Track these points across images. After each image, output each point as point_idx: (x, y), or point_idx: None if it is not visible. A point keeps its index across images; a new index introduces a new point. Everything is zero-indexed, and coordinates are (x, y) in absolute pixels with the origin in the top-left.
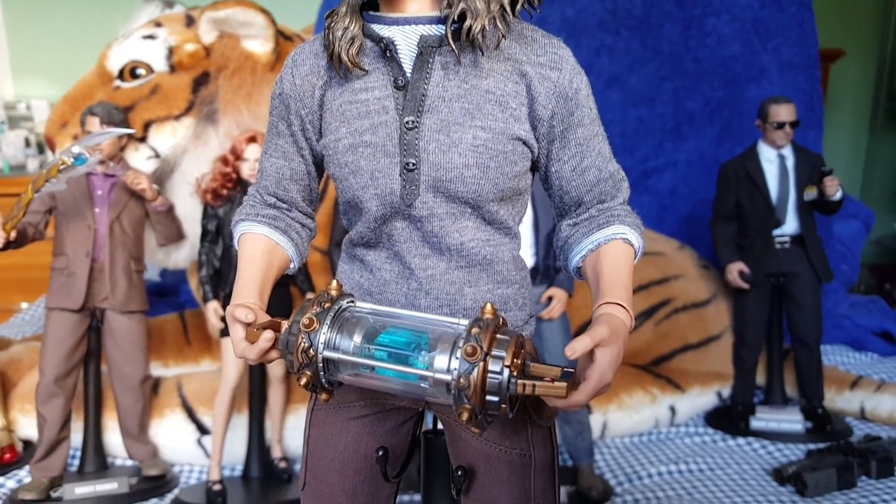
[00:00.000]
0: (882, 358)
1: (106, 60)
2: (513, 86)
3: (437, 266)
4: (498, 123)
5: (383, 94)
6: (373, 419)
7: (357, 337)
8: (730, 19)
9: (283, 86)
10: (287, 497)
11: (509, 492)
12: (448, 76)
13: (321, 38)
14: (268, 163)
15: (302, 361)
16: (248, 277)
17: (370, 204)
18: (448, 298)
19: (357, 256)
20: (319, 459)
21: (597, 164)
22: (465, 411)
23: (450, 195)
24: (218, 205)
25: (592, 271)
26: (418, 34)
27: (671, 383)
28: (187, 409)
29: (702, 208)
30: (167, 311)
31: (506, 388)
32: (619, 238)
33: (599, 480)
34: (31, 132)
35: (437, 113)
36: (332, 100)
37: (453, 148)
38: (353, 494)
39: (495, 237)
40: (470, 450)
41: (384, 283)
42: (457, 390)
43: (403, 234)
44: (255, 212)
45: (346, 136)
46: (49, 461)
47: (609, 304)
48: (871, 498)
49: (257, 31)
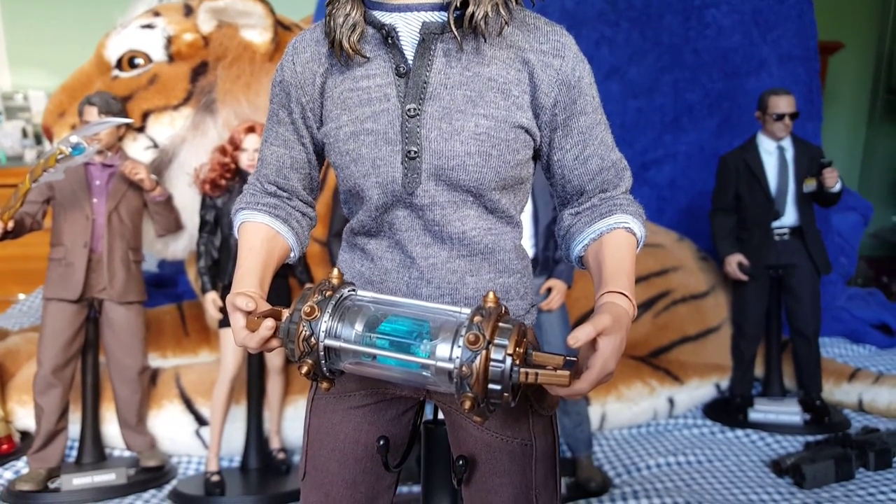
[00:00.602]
0: (880, 350)
1: (104, 50)
2: (515, 73)
3: (438, 255)
4: (500, 111)
5: (385, 82)
6: (373, 409)
7: (358, 325)
8: (729, 11)
9: (284, 73)
10: (285, 488)
11: (510, 481)
12: (450, 63)
13: (322, 25)
14: (268, 151)
15: (303, 350)
16: (248, 266)
17: (371, 192)
18: (450, 287)
19: (358, 245)
20: (320, 449)
21: (599, 152)
22: (468, 400)
23: (451, 183)
24: (216, 195)
25: (595, 260)
26: (420, 21)
27: (670, 375)
28: (185, 399)
29: (701, 200)
30: (165, 303)
31: (508, 376)
32: (622, 227)
33: (598, 472)
34: (28, 123)
35: (439, 100)
36: (333, 87)
37: (455, 136)
38: (353, 484)
39: (497, 226)
40: (471, 439)
41: (385, 272)
42: (459, 378)
43: (405, 223)
44: (256, 200)
45: (346, 123)
46: (46, 452)
47: (611, 293)
48: (869, 489)
49: (256, 20)
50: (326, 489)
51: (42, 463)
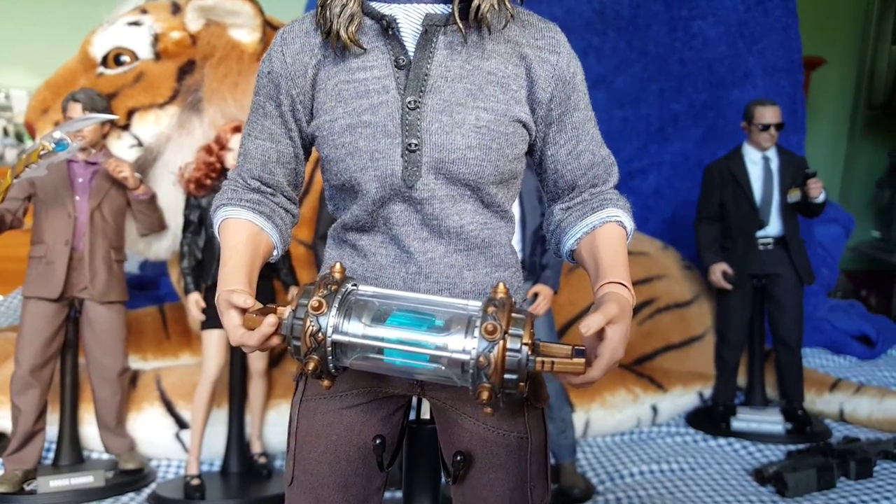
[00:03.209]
0: (860, 361)
1: (89, 46)
2: (513, 68)
3: (436, 249)
4: (500, 105)
5: (383, 74)
6: (366, 408)
7: (365, 320)
8: (716, 22)
9: (273, 64)
10: (266, 493)
11: (506, 475)
12: (451, 56)
13: (311, 16)
14: (252, 145)
15: (310, 346)
16: (235, 263)
17: (369, 186)
18: (448, 282)
19: (348, 241)
20: (310, 452)
21: (591, 148)
22: (486, 390)
23: (451, 177)
24: (201, 195)
25: (589, 253)
26: (421, 13)
27: (653, 383)
28: (166, 402)
29: (685, 210)
30: (146, 305)
31: (524, 365)
32: (614, 221)
33: (581, 479)
34: (9, 122)
35: (439, 93)
36: (326, 79)
37: (456, 129)
38: (344, 487)
39: (492, 220)
40: (466, 435)
41: (379, 268)
42: (476, 369)
43: (402, 217)
44: (238, 196)
45: (342, 115)
46: (23, 453)
47: (613, 284)
48: (850, 498)
49: (244, 20)
50: (317, 493)
51: (18, 464)
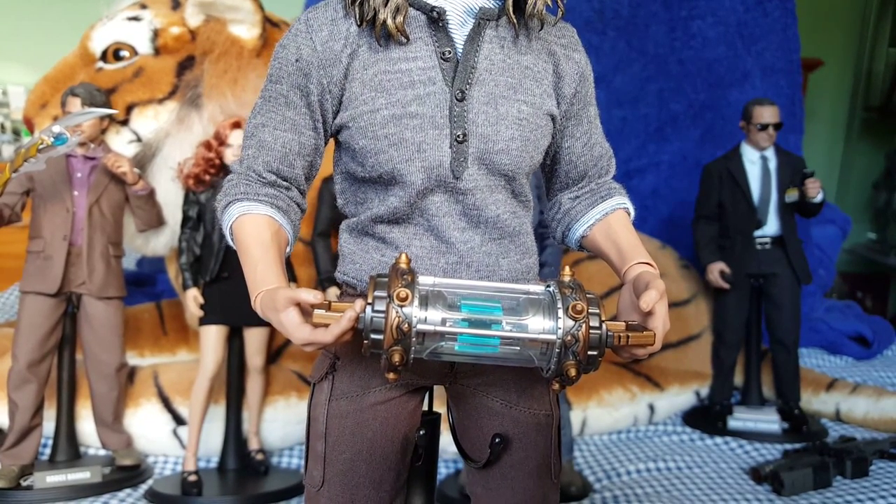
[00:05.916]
0: (856, 361)
1: (89, 41)
2: (543, 64)
3: (473, 239)
4: (536, 98)
5: (428, 65)
6: (398, 402)
7: (442, 308)
8: (715, 22)
9: (301, 52)
10: (263, 489)
11: (535, 454)
12: (495, 50)
13: (336, 2)
14: (270, 136)
15: (396, 337)
16: (269, 261)
17: (414, 177)
18: (488, 270)
19: (376, 235)
20: (342, 453)
21: (600, 140)
22: (573, 367)
23: (493, 167)
24: (200, 190)
25: (606, 238)
26: (471, 5)
27: (650, 381)
28: (163, 398)
29: (683, 210)
30: (144, 301)
31: (605, 341)
32: (622, 208)
33: (578, 477)
34: (6, 118)
35: (484, 85)
36: (361, 69)
37: (501, 121)
38: (379, 483)
39: (519, 210)
40: (498, 419)
41: (415, 259)
42: (563, 348)
43: (442, 208)
44: (254, 191)
45: (385, 106)
46: (20, 449)
47: (642, 265)
48: (846, 497)
49: (244, 16)
50: (352, 493)
51: (15, 460)
